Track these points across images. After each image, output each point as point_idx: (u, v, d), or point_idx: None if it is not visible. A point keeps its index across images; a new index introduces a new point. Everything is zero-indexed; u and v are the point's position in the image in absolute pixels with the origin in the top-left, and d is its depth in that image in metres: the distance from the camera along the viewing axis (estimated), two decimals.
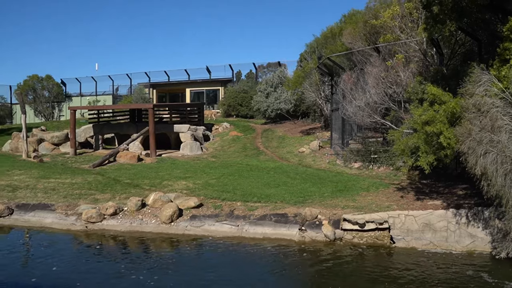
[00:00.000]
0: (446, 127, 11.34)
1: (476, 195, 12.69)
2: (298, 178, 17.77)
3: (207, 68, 45.18)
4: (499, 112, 10.22)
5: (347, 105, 18.95)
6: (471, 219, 11.90)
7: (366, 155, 19.60)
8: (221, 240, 12.93)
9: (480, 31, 13.74)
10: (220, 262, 11.35)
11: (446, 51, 16.29)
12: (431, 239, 12.08)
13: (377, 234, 12.68)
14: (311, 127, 30.09)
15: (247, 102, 36.32)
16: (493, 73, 10.84)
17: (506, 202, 10.02)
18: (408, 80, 16.18)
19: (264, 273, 10.67)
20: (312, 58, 27.99)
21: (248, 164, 21.21)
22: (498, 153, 9.95)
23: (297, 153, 23.89)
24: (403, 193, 14.70)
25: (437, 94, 12.06)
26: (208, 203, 14.83)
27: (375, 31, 19.98)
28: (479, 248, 11.66)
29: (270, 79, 33.83)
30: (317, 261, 11.40)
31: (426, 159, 11.99)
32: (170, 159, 23.25)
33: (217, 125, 31.88)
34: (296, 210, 13.77)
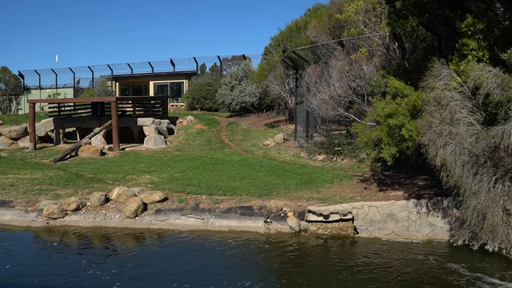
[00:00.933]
0: (408, 119, 11.62)
1: (435, 185, 13.07)
2: (263, 171, 17.84)
3: (171, 61, 44.66)
4: (457, 106, 10.53)
5: (312, 98, 19.16)
6: (431, 209, 12.26)
7: (330, 148, 19.88)
8: (186, 233, 12.85)
9: (440, 27, 14.11)
10: (183, 256, 11.26)
11: (408, 46, 16.66)
12: (393, 229, 12.39)
13: (341, 225, 12.91)
14: (276, 120, 30.25)
15: (212, 95, 36.16)
16: (453, 68, 11.16)
17: (463, 192, 10.36)
18: (371, 73, 16.48)
19: (228, 265, 10.65)
20: (277, 51, 28.09)
21: (213, 157, 21.15)
22: (457, 145, 10.26)
23: (261, 146, 23.98)
24: (366, 184, 14.99)
25: (399, 87, 12.33)
26: (173, 197, 14.71)
27: (339, 25, 20.24)
28: (438, 236, 12.05)
29: (235, 72, 33.78)
30: (282, 252, 11.50)
31: (389, 151, 12.27)
32: (133, 153, 22.91)
33: (181, 118, 31.61)
34: (262, 203, 13.84)
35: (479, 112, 10.46)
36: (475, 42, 10.87)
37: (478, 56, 10.78)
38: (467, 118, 10.38)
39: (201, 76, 42.01)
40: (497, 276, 9.65)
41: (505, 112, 9.77)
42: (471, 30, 10.90)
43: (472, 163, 10.20)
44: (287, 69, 27.18)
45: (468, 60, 10.81)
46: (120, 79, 46.65)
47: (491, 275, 9.72)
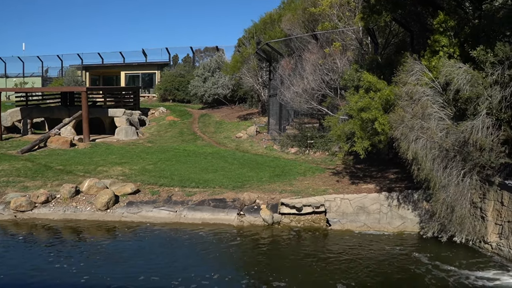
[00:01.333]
0: (380, 113, 11.79)
1: (406, 178, 13.32)
2: (236, 163, 17.83)
3: (143, 51, 44.00)
4: (429, 100, 10.74)
5: (285, 91, 19.20)
6: (402, 202, 12.50)
7: (302, 141, 20.00)
8: (159, 226, 12.76)
9: (412, 23, 14.32)
10: (154, 249, 11.19)
11: (380, 41, 16.85)
12: (365, 221, 12.58)
13: (314, 217, 13.04)
14: (249, 112, 30.22)
15: (184, 86, 35.83)
16: (424, 63, 11.35)
17: (433, 185, 10.60)
18: (344, 67, 16.62)
19: (200, 258, 10.62)
20: (251, 44, 28.00)
21: (186, 149, 21.01)
22: (428, 139, 10.48)
23: (234, 139, 23.94)
24: (339, 177, 15.15)
25: (372, 81, 12.48)
26: (145, 189, 14.57)
27: (313, 19, 20.30)
28: (409, 228, 12.31)
29: (208, 63, 33.55)
30: (255, 244, 11.56)
31: (361, 144, 12.43)
32: (104, 144, 22.54)
33: (153, 110, 31.25)
34: (235, 195, 13.85)
35: (449, 107, 10.69)
36: (446, 39, 11.08)
37: (449, 53, 11.00)
38: (438, 113, 10.60)
39: (173, 67, 41.55)
40: (455, 265, 10.00)
41: (474, 107, 10.01)
42: (443, 27, 11.10)
43: (442, 157, 10.44)
44: (260, 62, 27.15)
45: (440, 56, 11.01)
46: (91, 68, 45.69)
47: (451, 264, 10.05)
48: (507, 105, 9.73)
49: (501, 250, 10.36)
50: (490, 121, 9.83)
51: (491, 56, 9.76)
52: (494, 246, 10.58)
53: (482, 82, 9.81)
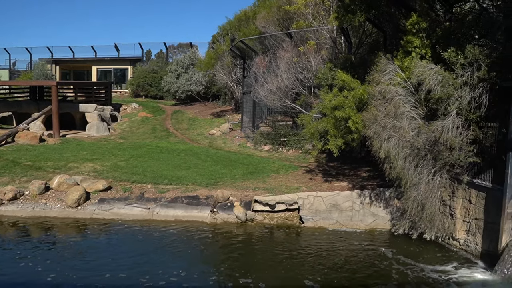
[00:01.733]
0: (354, 112, 11.93)
1: (378, 177, 13.54)
2: (209, 160, 17.78)
3: (116, 46, 43.36)
4: (401, 100, 10.92)
5: (259, 89, 19.23)
6: (374, 199, 12.70)
7: (276, 138, 20.08)
8: (131, 223, 12.62)
9: (385, 24, 14.51)
10: (125, 246, 11.06)
11: (354, 40, 17.04)
12: (338, 219, 12.73)
13: (287, 214, 13.12)
14: (222, 109, 30.15)
15: (157, 82, 35.49)
16: (397, 64, 11.53)
17: (405, 183, 10.80)
18: (318, 66, 16.74)
19: (170, 255, 10.52)
20: (225, 40, 27.92)
21: (158, 145, 20.82)
22: (400, 138, 10.66)
23: (207, 136, 23.87)
24: (312, 175, 15.27)
25: (346, 80, 12.62)
26: (117, 185, 14.37)
27: (288, 17, 20.36)
28: (380, 226, 12.53)
29: (181, 60, 33.31)
30: (227, 241, 11.56)
31: (335, 142, 12.56)
32: (75, 140, 22.11)
33: (125, 106, 30.83)
34: (208, 192, 13.81)
35: (421, 107, 10.89)
36: (418, 40, 11.28)
37: (421, 54, 11.20)
38: (410, 113, 10.79)
39: (146, 63, 41.11)
40: (422, 260, 10.27)
41: (444, 108, 10.23)
42: (415, 28, 11.29)
43: (413, 156, 10.64)
44: (234, 59, 27.11)
45: (412, 57, 11.21)
46: (61, 62, 44.75)
47: (418, 260, 10.30)
48: (475, 106, 9.97)
49: (468, 246, 10.65)
50: (460, 121, 10.07)
51: (462, 58, 9.99)
52: (462, 243, 10.87)
53: (452, 83, 10.04)
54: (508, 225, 9.35)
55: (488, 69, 9.68)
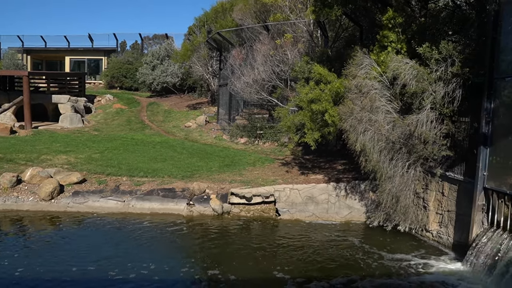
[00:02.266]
0: (331, 105, 12.03)
1: (354, 169, 13.70)
2: (185, 153, 17.69)
3: (89, 36, 42.55)
4: (377, 94, 11.04)
5: (236, 81, 19.19)
6: (349, 192, 12.86)
7: (252, 131, 20.11)
8: (106, 216, 12.46)
9: (362, 18, 14.64)
10: (98, 239, 10.90)
11: (331, 34, 17.13)
12: (314, 211, 12.85)
13: (263, 207, 13.18)
14: (198, 101, 30.01)
15: (132, 74, 35.07)
16: (373, 58, 11.65)
17: (380, 176, 10.96)
18: (295, 59, 16.78)
19: (143, 248, 10.40)
20: (201, 32, 27.74)
21: (133, 138, 20.61)
22: (376, 131, 10.80)
23: (183, 128, 23.74)
24: (288, 168, 15.35)
25: (323, 74, 12.69)
26: (92, 178, 14.17)
27: (265, 9, 20.34)
28: (356, 218, 12.70)
29: (157, 51, 32.96)
30: (203, 234, 11.54)
31: (312, 135, 12.64)
32: (48, 131, 21.68)
33: (99, 97, 30.36)
34: (184, 185, 13.75)
35: (396, 101, 11.05)
36: (394, 35, 11.41)
37: (397, 48, 11.33)
38: (385, 106, 10.93)
39: (121, 54, 40.51)
40: (394, 251, 10.45)
41: (419, 102, 10.39)
42: (391, 23, 11.41)
43: (388, 149, 10.80)
44: (211, 51, 26.96)
45: (388, 51, 11.33)
46: (33, 52, 43.70)
47: (390, 251, 10.48)
48: (449, 100, 10.16)
49: (441, 238, 10.90)
50: (434, 116, 10.24)
51: (436, 54, 10.14)
52: (434, 234, 11.11)
53: (427, 78, 10.19)
54: (478, 217, 9.59)
55: (461, 65, 9.87)
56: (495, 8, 9.20)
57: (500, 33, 9.15)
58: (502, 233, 9.00)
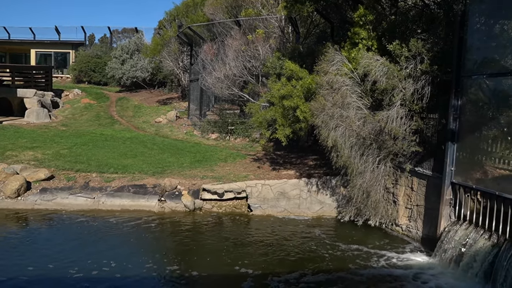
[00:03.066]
0: (302, 101, 12.09)
1: (325, 165, 13.83)
2: (156, 149, 17.52)
3: (56, 29, 41.49)
4: (348, 90, 11.17)
5: (207, 76, 19.09)
6: (321, 187, 12.98)
7: (223, 127, 20.06)
8: (75, 213, 12.23)
9: (333, 15, 14.76)
10: (62, 237, 10.63)
11: (302, 30, 17.22)
12: (286, 207, 12.92)
13: (235, 203, 13.18)
14: (168, 97, 29.73)
15: (101, 68, 34.45)
16: (345, 54, 11.76)
17: (351, 172, 11.10)
18: (266, 55, 16.79)
19: (111, 245, 10.24)
20: (172, 27, 27.44)
21: (103, 133, 20.25)
22: (347, 127, 10.92)
23: (153, 123, 23.49)
24: (260, 163, 15.39)
25: (294, 70, 12.75)
26: (60, 175, 13.87)
27: (237, 4, 20.27)
28: (327, 213, 12.85)
29: (126, 45, 32.45)
30: (174, 230, 11.47)
31: (283, 131, 12.69)
32: (13, 127, 21.07)
33: (67, 91, 29.71)
34: (155, 181, 13.62)
35: (367, 98, 11.19)
36: (365, 32, 11.54)
37: (367, 45, 11.47)
38: (356, 103, 11.06)
39: (89, 47, 39.69)
40: (362, 245, 10.60)
41: (389, 98, 10.55)
42: (362, 20, 11.54)
43: (359, 145, 10.94)
44: (182, 45, 26.73)
45: (359, 48, 11.46)
46: None
47: (359, 244, 10.63)
48: (418, 97, 10.35)
49: (410, 232, 11.13)
50: (404, 112, 10.43)
51: (406, 51, 10.31)
52: (404, 228, 11.34)
53: (397, 75, 10.36)
54: (446, 211, 9.83)
55: (430, 63, 10.07)
56: (462, 8, 9.42)
57: (466, 33, 9.38)
58: (468, 226, 9.26)
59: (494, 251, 8.34)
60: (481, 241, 8.70)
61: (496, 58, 8.92)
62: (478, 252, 8.61)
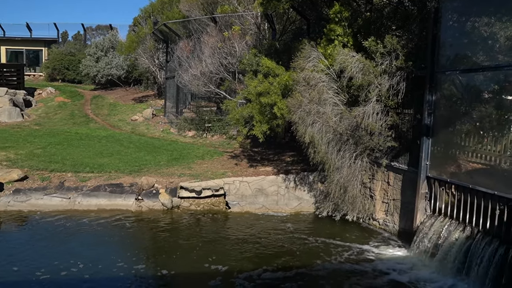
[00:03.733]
0: (279, 98, 12.12)
1: (302, 161, 13.89)
2: (132, 147, 17.34)
3: (27, 25, 40.58)
4: (325, 87, 11.22)
5: (183, 74, 18.95)
6: (298, 183, 13.05)
7: (200, 124, 19.97)
8: (50, 214, 12.00)
9: (309, 11, 14.80)
10: (36, 239, 10.45)
11: (278, 27, 17.23)
12: (264, 203, 12.95)
13: (213, 200, 13.14)
14: (144, 94, 29.45)
15: (75, 66, 33.88)
16: (321, 51, 11.81)
17: (328, 167, 11.18)
18: (243, 52, 16.75)
19: (84, 245, 10.09)
20: (147, 23, 27.16)
21: (78, 132, 19.95)
22: (324, 123, 10.98)
23: (129, 121, 23.24)
24: (237, 160, 15.37)
25: (271, 67, 12.76)
26: (34, 175, 13.59)
27: (213, 1, 20.16)
28: (305, 209, 12.92)
29: (101, 42, 32.00)
30: (152, 229, 11.38)
31: (260, 128, 12.70)
32: None
33: (40, 90, 29.14)
34: (132, 180, 13.49)
35: (343, 94, 11.27)
36: (341, 29, 11.60)
37: (343, 42, 11.54)
38: (333, 99, 11.13)
39: (62, 45, 38.96)
40: (339, 239, 10.74)
41: (365, 94, 10.66)
42: (338, 17, 11.58)
43: (336, 141, 11.02)
44: (157, 43, 26.47)
45: (335, 44, 11.52)
46: None
47: (335, 238, 10.76)
48: (394, 93, 10.48)
49: (387, 226, 11.29)
50: (379, 108, 10.55)
51: (381, 47, 10.42)
52: (381, 222, 11.49)
53: (372, 71, 10.46)
54: (422, 205, 9.99)
55: (405, 59, 10.19)
56: (435, 6, 9.56)
57: (440, 29, 9.54)
58: (443, 219, 9.43)
59: (468, 242, 8.53)
60: (456, 234, 8.88)
61: (468, 54, 9.10)
62: (453, 244, 8.79)
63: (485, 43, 8.81)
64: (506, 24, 8.31)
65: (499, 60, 8.40)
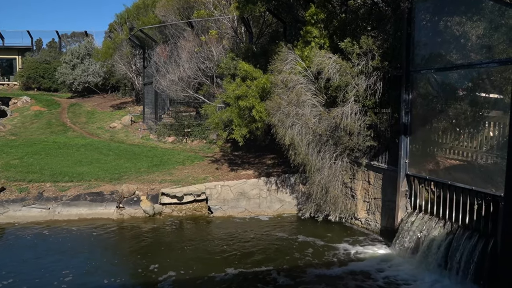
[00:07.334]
0: (258, 101, 12.15)
1: (283, 163, 13.94)
2: (111, 155, 17.16)
3: (0, 33, 39.87)
4: (303, 88, 11.30)
5: (161, 79, 18.86)
6: (280, 186, 13.08)
7: (180, 129, 19.88)
8: (29, 226, 11.78)
9: (285, 14, 14.89)
10: (11, 252, 10.18)
11: (255, 30, 17.28)
12: (246, 207, 12.94)
13: (195, 205, 13.10)
14: (122, 101, 29.19)
15: (50, 74, 33.41)
16: (298, 53, 11.89)
17: (309, 169, 11.25)
18: (220, 56, 16.76)
19: (64, 255, 9.94)
20: (123, 29, 26.96)
21: (55, 141, 19.65)
22: (303, 125, 11.05)
23: (108, 129, 23.00)
24: (218, 164, 15.34)
25: (249, 70, 12.79)
26: (12, 186, 13.32)
27: (189, 6, 20.13)
28: (288, 211, 12.96)
29: (77, 49, 31.61)
30: (136, 236, 11.26)
31: (240, 131, 12.72)
32: None
33: (15, 99, 28.64)
34: (113, 188, 13.34)
35: (321, 95, 11.36)
36: (317, 30, 11.71)
37: (320, 44, 11.65)
38: (311, 100, 11.21)
39: (37, 53, 38.37)
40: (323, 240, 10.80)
41: (343, 95, 10.76)
42: (314, 19, 11.70)
43: (316, 142, 11.09)
44: (134, 48, 26.29)
45: (312, 46, 11.62)
46: None
47: (320, 239, 10.82)
48: (371, 93, 10.61)
49: (369, 224, 11.39)
50: (358, 108, 10.66)
51: (357, 48, 10.54)
52: (363, 222, 11.59)
53: (350, 72, 10.57)
54: (402, 202, 10.11)
55: (381, 59, 10.33)
56: (408, 6, 9.72)
57: (413, 29, 9.70)
58: (424, 216, 9.56)
59: (449, 238, 8.66)
60: (437, 230, 9.01)
61: (442, 53, 9.26)
62: (434, 240, 8.91)
63: (457, 42, 8.98)
64: (477, 23, 8.49)
65: (472, 58, 8.57)
